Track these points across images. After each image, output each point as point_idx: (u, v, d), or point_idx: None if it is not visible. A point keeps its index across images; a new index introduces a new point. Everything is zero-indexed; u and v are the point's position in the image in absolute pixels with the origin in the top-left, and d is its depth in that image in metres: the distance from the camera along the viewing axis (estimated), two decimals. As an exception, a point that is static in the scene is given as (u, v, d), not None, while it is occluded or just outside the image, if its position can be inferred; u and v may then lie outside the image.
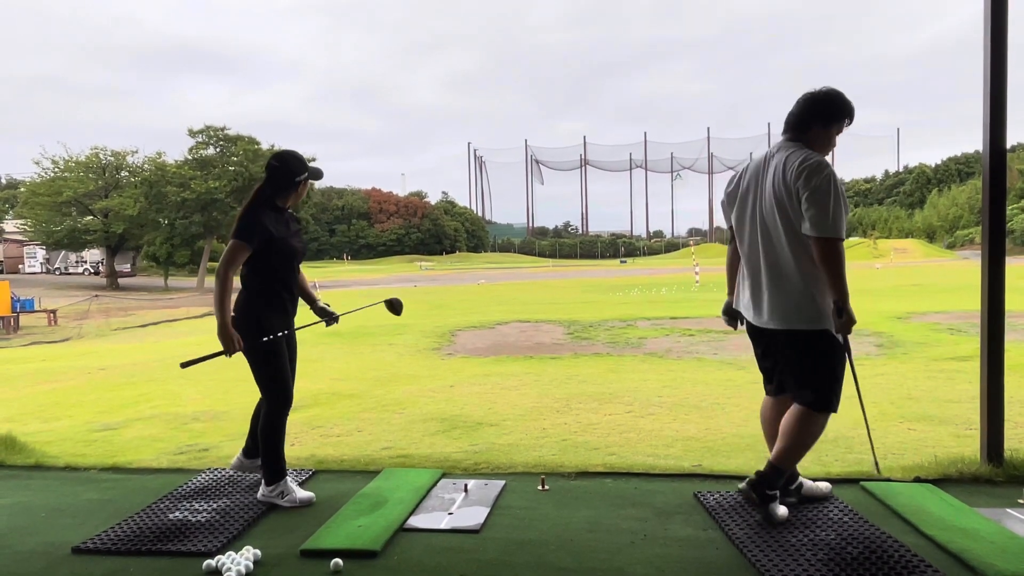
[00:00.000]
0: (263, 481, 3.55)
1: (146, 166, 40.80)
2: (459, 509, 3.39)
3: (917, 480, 3.64)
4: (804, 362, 3.06)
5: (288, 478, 3.57)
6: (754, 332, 3.29)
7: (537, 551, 2.91)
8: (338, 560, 2.80)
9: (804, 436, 3.07)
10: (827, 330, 3.00)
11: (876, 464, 3.63)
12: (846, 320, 2.95)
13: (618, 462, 4.22)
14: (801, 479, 3.38)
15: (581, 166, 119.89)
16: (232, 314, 3.46)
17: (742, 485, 3.18)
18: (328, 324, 3.86)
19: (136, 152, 41.99)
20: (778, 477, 3.09)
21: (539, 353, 10.10)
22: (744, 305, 3.26)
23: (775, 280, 3.06)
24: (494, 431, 5.43)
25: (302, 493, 3.55)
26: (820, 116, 3.08)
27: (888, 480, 3.67)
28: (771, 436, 3.31)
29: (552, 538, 3.03)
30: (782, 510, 3.11)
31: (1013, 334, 9.46)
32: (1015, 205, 59.58)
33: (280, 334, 3.49)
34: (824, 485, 3.43)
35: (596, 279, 35.33)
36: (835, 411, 3.08)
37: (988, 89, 3.74)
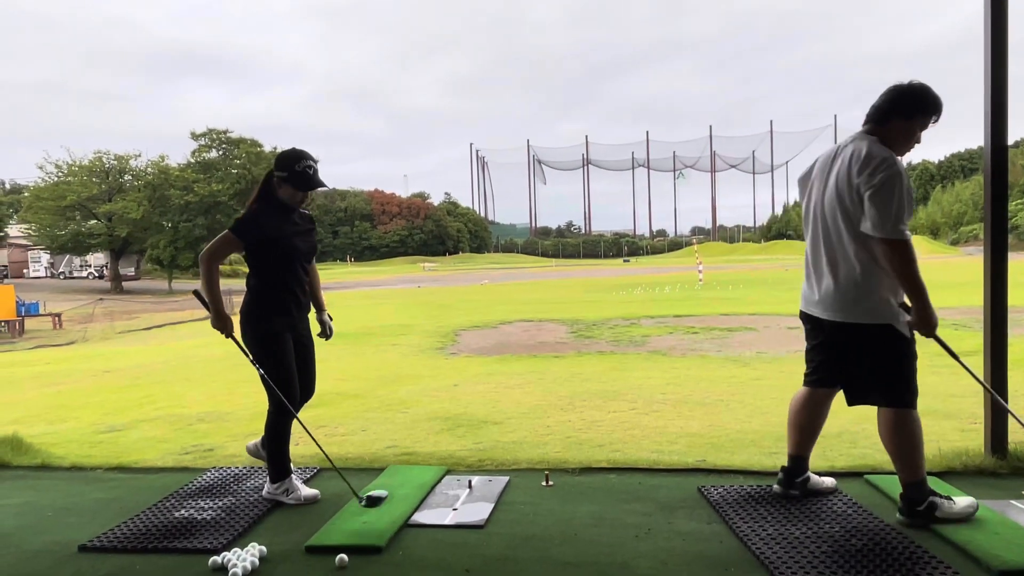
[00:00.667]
0: (268, 479, 3.57)
1: (149, 169, 40.96)
2: (463, 505, 3.40)
3: (921, 473, 3.63)
4: (868, 359, 2.98)
5: (293, 476, 3.59)
6: (811, 323, 3.20)
7: (541, 546, 2.92)
8: (343, 556, 2.81)
9: (906, 437, 2.96)
10: (889, 325, 2.92)
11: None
12: (919, 319, 2.88)
13: (622, 458, 4.23)
14: (809, 473, 3.38)
15: (583, 166, 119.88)
16: (239, 315, 3.49)
17: (899, 519, 3.02)
18: (320, 335, 3.81)
19: (139, 156, 42.19)
20: (919, 491, 2.98)
21: (543, 352, 10.11)
22: (804, 295, 3.21)
23: (834, 272, 3.00)
24: (498, 429, 5.44)
25: (307, 491, 3.56)
26: (903, 108, 2.97)
27: (892, 473, 3.67)
28: (795, 425, 3.29)
29: (556, 533, 3.04)
30: (960, 503, 3.00)
31: (1016, 329, 9.44)
32: (1018, 201, 59.40)
33: (284, 334, 3.48)
34: (829, 480, 3.43)
35: (599, 278, 35.33)
36: (913, 407, 2.98)
37: (989, 86, 3.74)
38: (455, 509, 3.36)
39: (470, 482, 3.70)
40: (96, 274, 52.58)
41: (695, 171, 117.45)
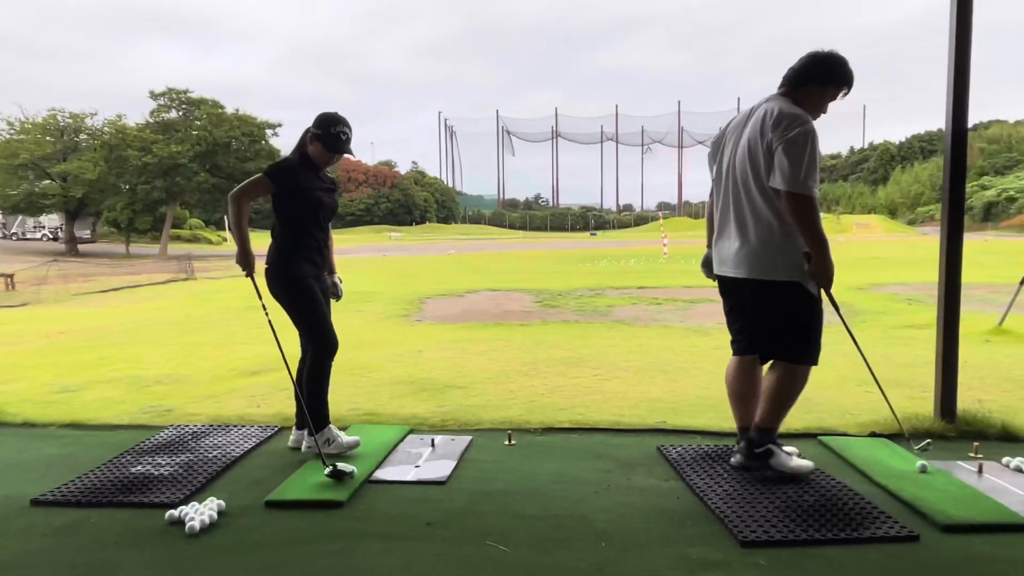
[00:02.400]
0: (308, 430, 3.53)
1: (106, 129, 39.56)
2: (426, 463, 3.41)
3: (873, 435, 3.75)
4: (775, 315, 3.05)
5: (332, 425, 3.59)
6: (723, 285, 3.27)
7: (503, 500, 2.95)
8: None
9: (786, 389, 3.06)
10: (797, 282, 2.98)
11: (898, 420, 3.63)
12: (817, 268, 2.94)
13: (584, 420, 4.28)
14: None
15: (552, 138, 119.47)
16: (266, 266, 3.50)
17: (734, 460, 3.15)
18: (332, 297, 3.84)
19: (95, 115, 40.67)
20: (764, 436, 3.09)
21: (508, 320, 10.12)
22: (717, 257, 3.24)
23: (743, 230, 3.04)
24: (462, 393, 5.44)
25: (347, 438, 3.59)
26: (821, 75, 3.02)
27: (845, 435, 3.78)
28: (734, 396, 3.31)
29: (518, 488, 3.07)
30: (796, 460, 3.10)
31: (968, 304, 9.73)
32: (974, 183, 60.98)
33: (312, 280, 3.54)
34: (791, 450, 3.38)
35: (566, 251, 35.42)
36: (815, 364, 3.07)
37: (952, 71, 3.80)
38: (417, 466, 3.37)
39: (433, 441, 3.71)
40: (50, 236, 51.07)
41: (663, 146, 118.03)
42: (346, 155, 3.71)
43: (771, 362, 3.13)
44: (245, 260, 3.44)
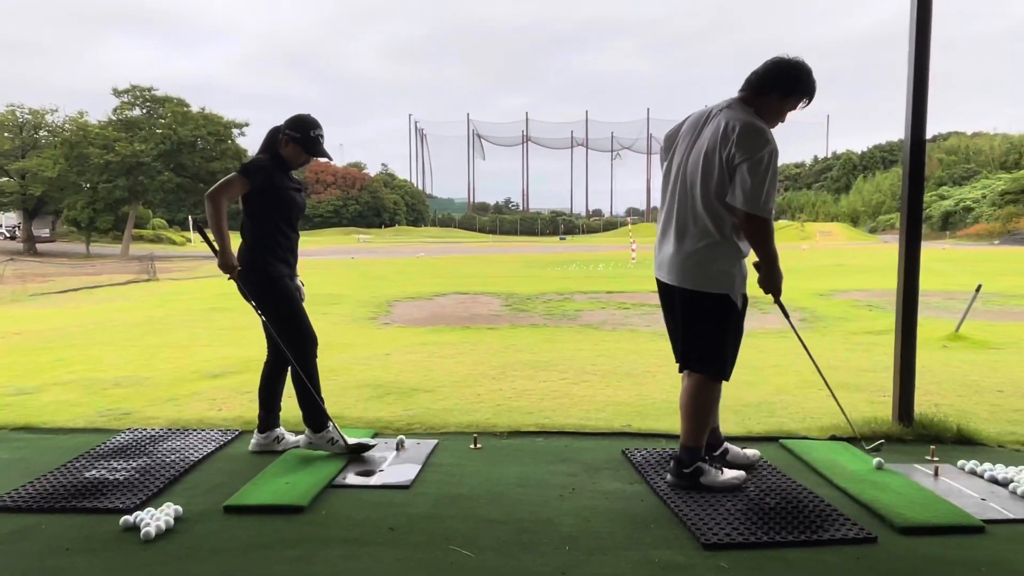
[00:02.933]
0: (309, 429, 3.52)
1: (67, 126, 38.64)
2: (390, 466, 3.38)
3: (833, 438, 3.81)
4: (696, 325, 3.00)
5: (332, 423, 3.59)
6: (661, 288, 3.19)
7: (467, 505, 2.93)
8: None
9: (701, 404, 3.01)
10: (726, 295, 2.93)
11: (851, 423, 3.66)
12: (767, 279, 2.97)
13: (550, 423, 4.28)
14: (726, 445, 3.43)
15: (523, 142, 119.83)
16: (238, 267, 3.45)
17: (668, 478, 3.12)
18: None
19: (56, 111, 39.72)
20: (691, 456, 3.04)
21: (476, 324, 10.10)
22: (655, 260, 3.16)
23: (681, 236, 2.97)
24: (429, 397, 5.41)
25: (349, 439, 3.59)
26: (784, 85, 2.93)
27: (806, 438, 3.84)
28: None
29: (483, 492, 3.05)
30: (726, 474, 3.07)
31: (926, 311, 9.96)
32: (933, 193, 62.57)
33: (286, 279, 3.53)
34: (752, 452, 3.42)
35: (535, 255, 35.49)
36: (725, 379, 3.02)
37: (911, 82, 3.89)
38: (382, 470, 3.33)
39: (397, 444, 3.67)
40: (7, 235, 49.72)
41: (632, 152, 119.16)
42: (322, 158, 3.70)
43: (687, 381, 3.09)
44: (227, 261, 3.38)
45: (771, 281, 3.00)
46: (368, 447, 3.52)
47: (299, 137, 3.53)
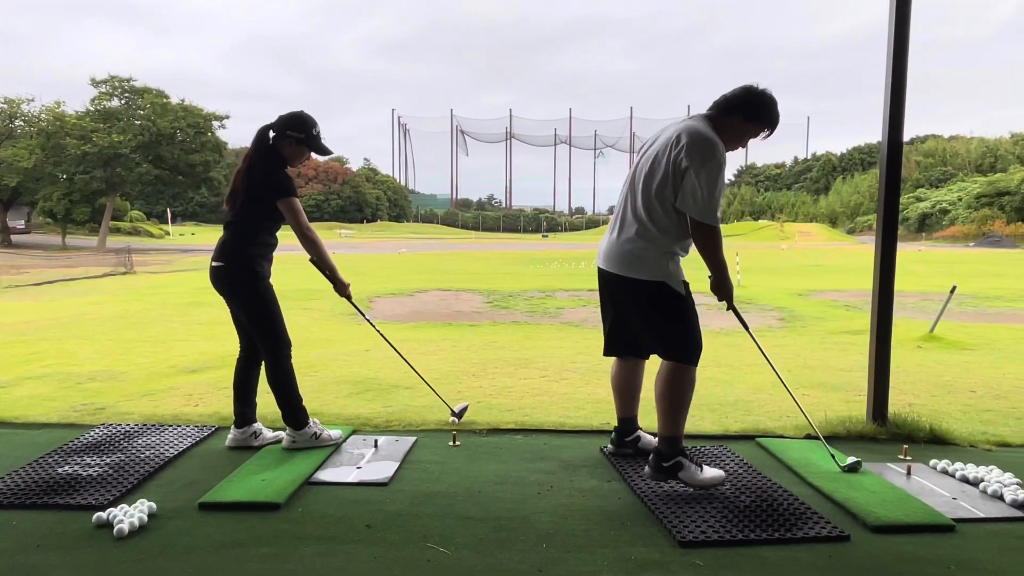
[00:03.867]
0: (290, 428, 3.53)
1: (44, 116, 37.95)
2: (368, 464, 3.37)
3: (808, 437, 3.85)
4: (645, 315, 3.08)
5: (313, 419, 3.61)
6: (600, 276, 3.27)
7: (445, 502, 2.93)
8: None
9: (675, 391, 3.02)
10: (663, 282, 3.00)
11: (812, 425, 3.67)
12: (717, 286, 3.08)
13: (530, 421, 4.29)
14: (639, 432, 3.50)
15: (506, 139, 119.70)
16: (220, 263, 3.44)
17: (646, 471, 3.11)
18: None
19: (32, 100, 39.02)
20: (671, 447, 3.03)
21: (458, 320, 10.09)
22: (599, 249, 3.25)
23: (623, 227, 3.08)
24: (408, 394, 5.40)
25: (332, 432, 3.63)
26: (749, 110, 3.03)
27: (781, 437, 3.88)
28: (616, 390, 3.48)
29: (461, 490, 3.05)
30: (707, 472, 3.04)
31: (901, 311, 10.10)
32: (910, 195, 63.40)
33: (270, 281, 3.57)
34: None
35: (518, 252, 35.50)
36: (692, 363, 3.05)
37: (889, 85, 3.93)
38: (359, 467, 3.32)
39: (376, 441, 3.66)
40: (-20, 226, 48.77)
41: (615, 151, 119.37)
42: (326, 155, 3.73)
43: (659, 370, 3.12)
44: (343, 287, 3.62)
45: (722, 288, 3.09)
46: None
47: (303, 137, 3.52)
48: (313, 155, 3.66)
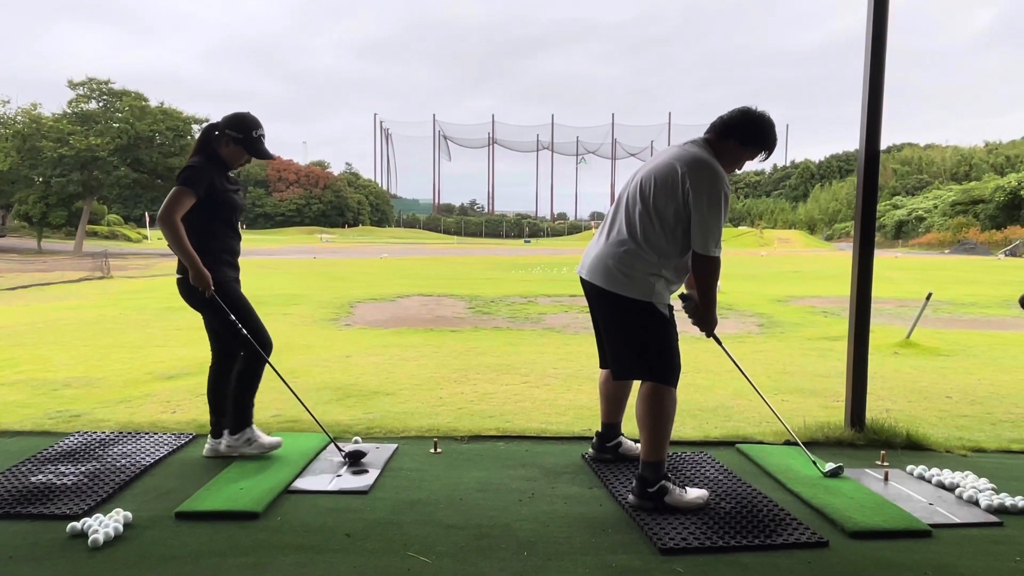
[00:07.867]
0: (227, 430, 3.48)
1: (19, 118, 37.38)
2: (348, 472, 3.34)
3: (787, 443, 3.88)
4: (626, 333, 3.02)
5: (254, 425, 3.54)
6: (583, 286, 3.22)
7: (426, 510, 2.91)
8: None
9: (656, 414, 2.95)
10: (648, 302, 2.94)
11: (790, 431, 3.70)
12: (700, 320, 3.12)
13: (511, 427, 4.28)
14: (621, 438, 3.51)
15: (489, 144, 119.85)
16: (180, 275, 3.37)
17: (631, 499, 2.99)
18: None
19: (8, 102, 38.62)
20: (654, 472, 2.96)
21: (439, 326, 10.06)
22: (583, 258, 3.22)
23: (609, 239, 3.03)
24: (390, 400, 5.37)
25: (268, 439, 3.53)
26: (746, 135, 3.01)
27: (761, 443, 3.91)
28: (603, 396, 3.49)
29: (442, 498, 3.04)
30: (691, 493, 2.99)
31: (878, 318, 10.23)
32: (887, 202, 64.29)
33: (234, 283, 3.47)
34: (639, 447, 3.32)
35: (500, 257, 35.50)
36: (671, 384, 2.99)
37: (866, 94, 3.98)
38: (339, 475, 3.29)
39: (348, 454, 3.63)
40: (-47, 229, 47.92)
41: (597, 157, 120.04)
42: (264, 159, 3.63)
43: (639, 392, 3.06)
44: (202, 278, 3.26)
45: (706, 320, 3.12)
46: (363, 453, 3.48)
47: (240, 138, 3.42)
48: (293, 159, 3.61)
